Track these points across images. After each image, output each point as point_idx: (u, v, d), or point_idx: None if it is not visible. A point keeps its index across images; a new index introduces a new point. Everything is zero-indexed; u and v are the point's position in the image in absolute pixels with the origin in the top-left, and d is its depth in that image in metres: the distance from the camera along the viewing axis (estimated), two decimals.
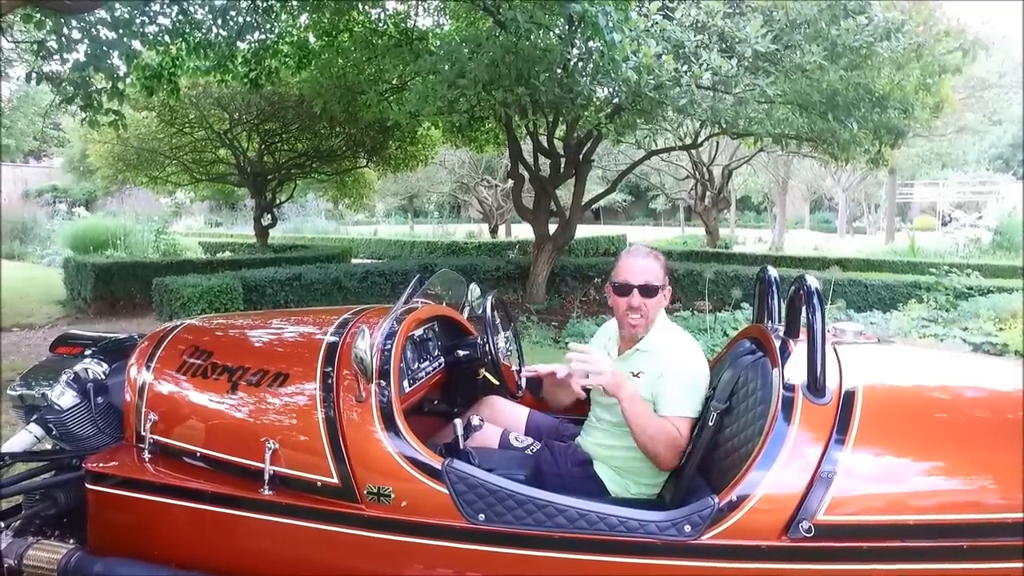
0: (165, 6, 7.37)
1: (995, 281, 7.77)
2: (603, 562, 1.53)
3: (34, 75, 6.23)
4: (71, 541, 1.94)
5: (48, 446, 2.20)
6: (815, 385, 1.58)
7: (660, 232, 31.52)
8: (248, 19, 8.04)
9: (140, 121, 11.34)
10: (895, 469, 1.53)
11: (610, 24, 4.99)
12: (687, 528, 1.49)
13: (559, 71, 6.14)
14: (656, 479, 2.09)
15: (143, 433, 1.96)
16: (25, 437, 2.09)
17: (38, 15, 5.57)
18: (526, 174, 9.59)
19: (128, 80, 7.15)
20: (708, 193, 15.05)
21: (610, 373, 1.96)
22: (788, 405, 1.58)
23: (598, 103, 6.54)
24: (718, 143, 13.56)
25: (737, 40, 6.05)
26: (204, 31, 7.76)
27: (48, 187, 32.91)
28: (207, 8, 7.81)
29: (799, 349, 1.71)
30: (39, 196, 30.22)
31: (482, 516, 1.58)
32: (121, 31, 6.49)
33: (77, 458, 2.08)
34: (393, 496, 1.63)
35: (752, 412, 1.72)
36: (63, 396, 2.06)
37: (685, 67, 5.96)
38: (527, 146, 9.91)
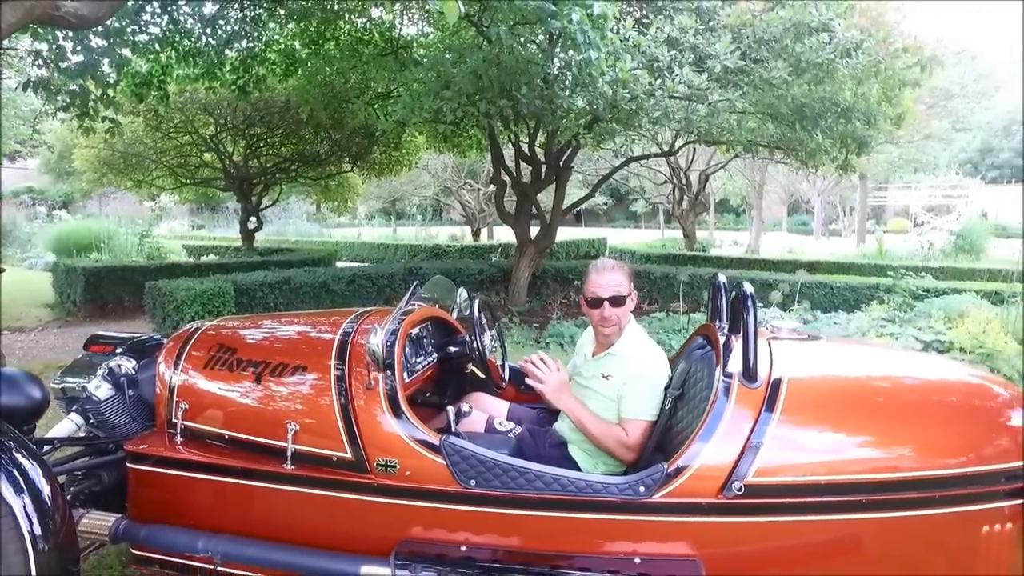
0: (156, 16, 7.58)
1: (948, 283, 8.23)
2: (573, 518, 1.86)
3: (30, 84, 6.42)
4: None
5: (82, 434, 2.47)
6: (748, 372, 1.91)
7: (640, 235, 31.97)
8: (236, 28, 8.26)
9: (127, 126, 11.46)
10: (812, 440, 1.87)
11: (587, 41, 5.32)
12: (641, 489, 1.81)
13: (540, 83, 6.43)
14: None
15: (174, 420, 2.25)
16: (67, 425, 2.37)
17: (38, 27, 5.76)
18: (508, 180, 9.89)
19: (119, 87, 7.33)
20: (685, 197, 15.49)
21: (551, 385, 2.28)
22: (726, 389, 1.91)
23: (576, 114, 6.85)
24: (695, 149, 14.00)
25: (708, 56, 6.43)
26: (193, 39, 7.97)
27: (24, 188, 32.51)
28: (196, 17, 8.02)
29: (740, 343, 2.04)
30: (15, 197, 29.91)
31: (473, 482, 1.89)
32: (112, 40, 6.70)
33: (112, 443, 2.36)
34: (398, 467, 1.94)
35: (699, 397, 2.05)
36: (100, 388, 2.34)
37: (659, 81, 6.32)
38: (509, 152, 10.21)
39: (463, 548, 1.88)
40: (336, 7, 8.42)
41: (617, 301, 2.37)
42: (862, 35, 6.86)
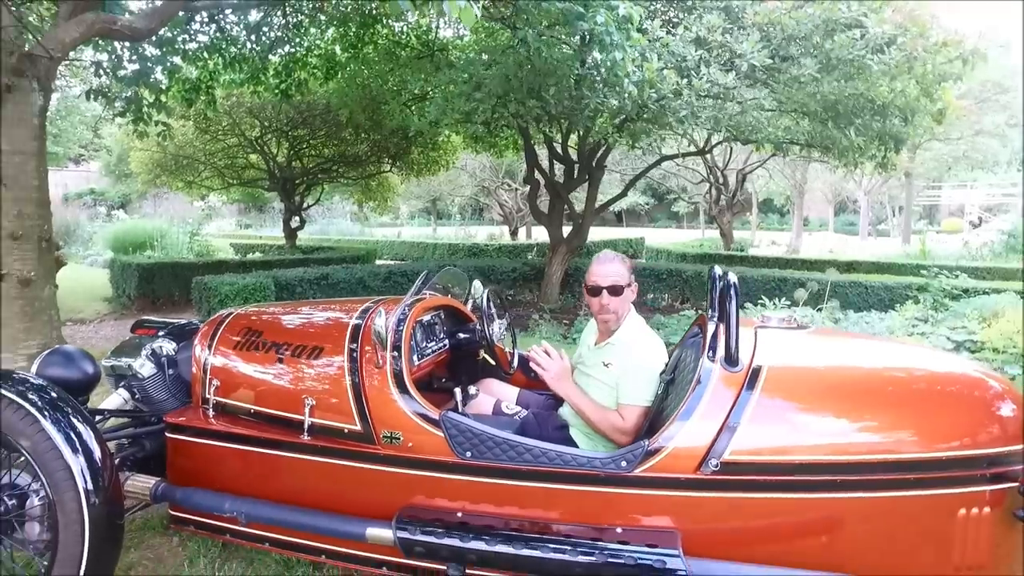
0: (204, 24, 7.99)
1: (987, 283, 8.02)
2: (560, 489, 2.00)
3: (91, 92, 6.86)
4: None
5: (128, 407, 2.73)
6: (729, 357, 2.02)
7: (681, 235, 31.71)
8: (280, 34, 8.62)
9: (178, 130, 12.01)
10: (788, 421, 1.96)
11: (613, 42, 5.43)
12: (623, 464, 1.95)
13: (571, 84, 6.54)
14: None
15: (207, 396, 2.49)
16: (116, 399, 2.64)
17: (98, 40, 6.17)
18: (541, 179, 10.05)
19: (170, 93, 7.76)
20: (722, 197, 15.35)
21: (552, 372, 2.41)
22: (708, 373, 2.02)
23: (606, 114, 6.93)
24: (731, 148, 13.87)
25: (736, 55, 6.45)
26: (239, 46, 8.35)
27: (86, 190, 34.15)
28: (242, 25, 8.41)
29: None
30: (78, 199, 31.45)
31: (468, 454, 2.06)
32: (164, 49, 7.11)
33: (154, 416, 2.61)
34: (402, 439, 2.12)
35: (686, 380, 2.17)
36: (144, 367, 2.60)
37: (686, 80, 6.37)
38: (544, 152, 10.35)
39: (459, 514, 2.04)
40: (374, 12, 8.70)
41: (615, 290, 2.50)
42: (896, 30, 6.78)
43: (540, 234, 22.31)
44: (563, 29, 5.92)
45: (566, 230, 10.05)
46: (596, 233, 25.55)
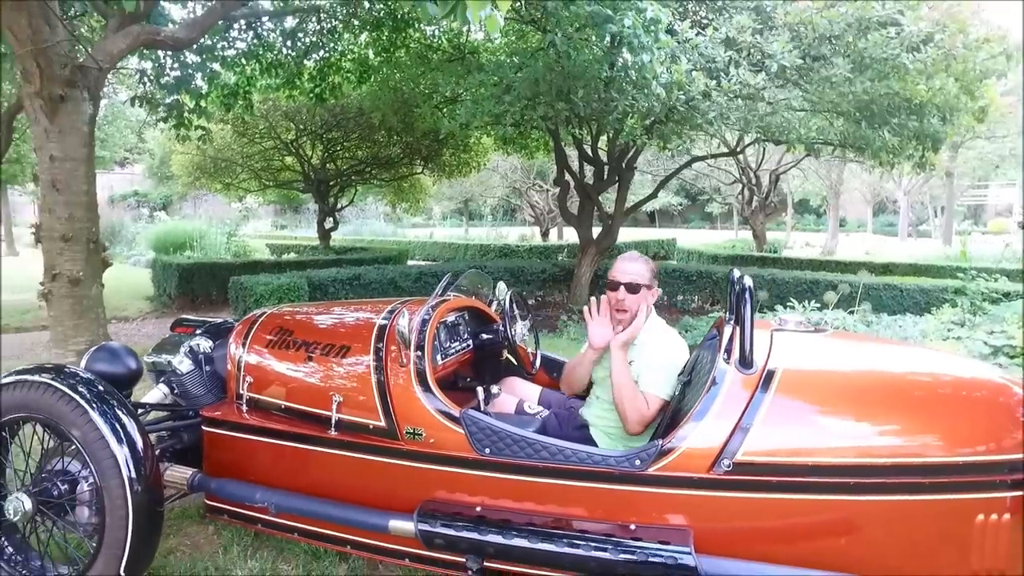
0: (242, 32, 8.24)
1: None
2: (575, 486, 2.06)
3: (136, 98, 7.15)
4: None
5: (168, 401, 2.87)
6: (743, 359, 2.06)
7: (714, 236, 31.36)
8: (314, 40, 8.84)
9: (216, 133, 12.36)
10: (801, 423, 1.99)
11: (641, 44, 5.46)
12: (637, 462, 2.00)
13: (599, 86, 6.57)
14: (639, 442, 2.58)
15: (241, 392, 2.61)
16: (156, 394, 2.79)
17: (143, 50, 6.43)
18: (571, 181, 10.08)
19: (209, 98, 8.02)
20: (755, 197, 15.17)
21: (610, 331, 2.50)
22: (722, 375, 2.06)
23: (635, 116, 6.93)
24: (764, 148, 13.70)
25: (766, 55, 6.40)
26: (275, 52, 8.60)
27: (130, 192, 35.28)
28: (278, 31, 8.65)
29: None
30: (123, 200, 32.52)
31: (488, 450, 2.13)
32: (204, 56, 7.37)
33: (191, 410, 2.74)
34: (424, 435, 2.21)
35: (701, 382, 2.20)
36: (182, 363, 2.73)
37: (715, 82, 6.35)
38: (573, 153, 10.38)
39: (478, 508, 2.12)
40: (407, 16, 8.86)
41: (632, 288, 2.55)
42: (934, 28, 6.65)
43: (571, 235, 22.21)
44: (593, 31, 5.97)
45: (596, 231, 10.07)
46: (628, 234, 25.44)
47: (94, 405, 2.16)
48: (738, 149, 10.65)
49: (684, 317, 7.95)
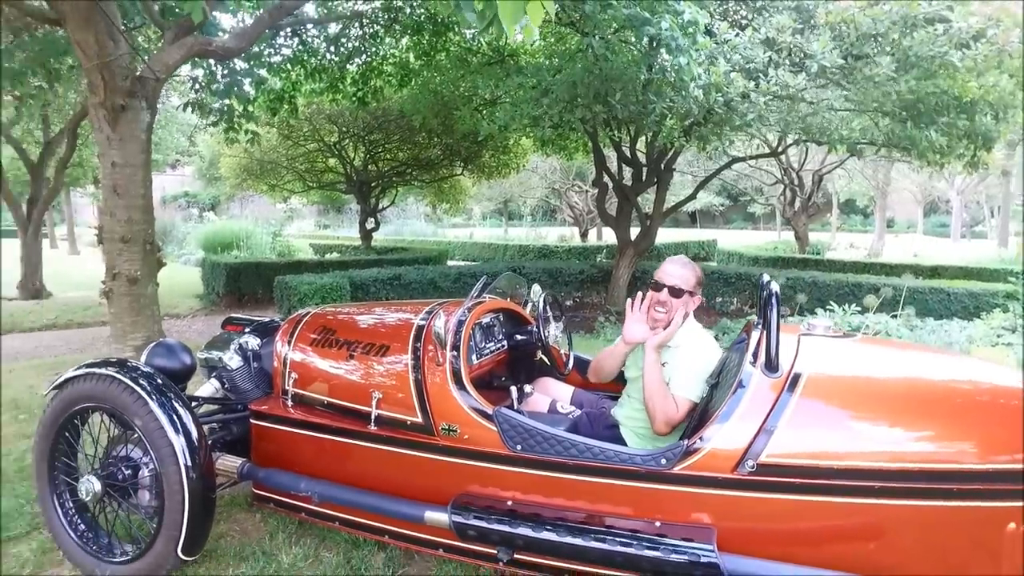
0: (288, 38, 8.52)
1: None
2: (603, 483, 2.13)
3: (188, 104, 7.47)
4: None
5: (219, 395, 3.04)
6: (770, 363, 2.10)
7: (756, 237, 30.81)
8: (357, 45, 9.08)
9: (262, 136, 12.73)
10: (824, 427, 2.01)
11: (678, 46, 5.47)
12: (663, 461, 2.06)
13: (638, 88, 6.58)
14: (668, 443, 2.63)
15: (286, 388, 2.76)
16: (208, 388, 2.96)
17: (195, 59, 6.72)
18: (609, 182, 10.10)
19: (256, 103, 8.32)
20: (797, 198, 14.89)
21: (645, 330, 2.56)
22: (748, 377, 2.10)
23: (673, 118, 6.92)
24: (807, 149, 13.45)
25: (806, 56, 6.33)
26: (319, 58, 8.86)
27: (181, 193, 36.55)
28: (322, 37, 8.90)
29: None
30: (174, 201, 33.71)
31: (519, 447, 2.22)
32: (252, 63, 7.65)
33: (240, 404, 2.91)
34: (459, 431, 2.31)
35: (729, 383, 2.25)
36: (232, 360, 2.90)
37: (753, 83, 6.31)
38: (612, 155, 10.38)
39: (509, 503, 2.21)
40: (447, 20, 9.00)
41: (675, 292, 2.60)
42: (986, 23, 6.46)
43: (611, 236, 22.16)
44: (632, 33, 6.00)
45: (634, 232, 10.06)
46: (668, 235, 25.21)
47: (154, 397, 2.33)
48: (779, 150, 10.50)
49: (722, 319, 7.90)
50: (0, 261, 12.63)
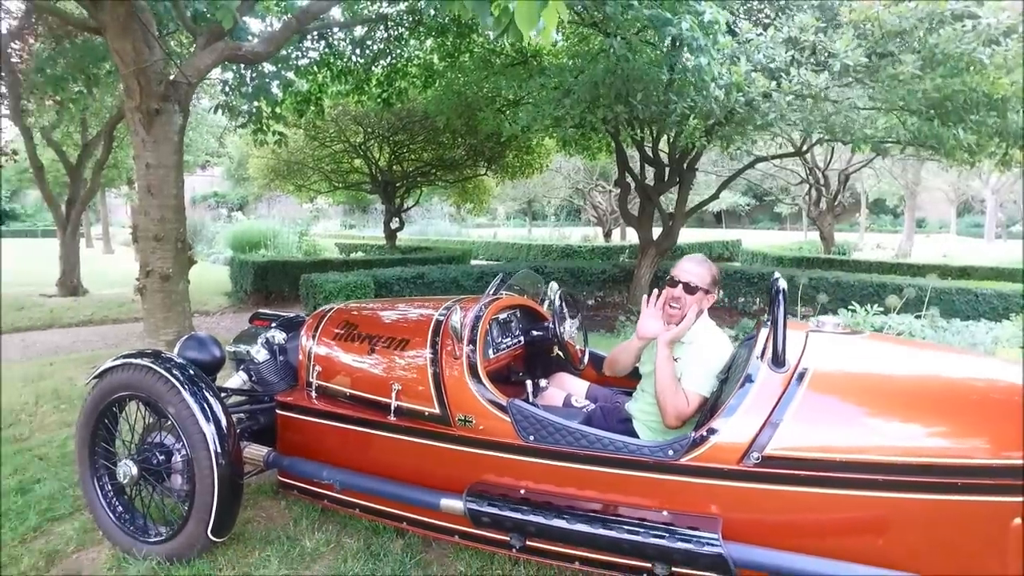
0: (314, 42, 8.70)
1: None
2: (612, 473, 2.20)
3: (218, 107, 7.68)
4: None
5: (246, 387, 3.18)
6: (776, 359, 2.15)
7: (782, 237, 30.45)
8: (382, 47, 9.23)
9: (289, 137, 12.96)
10: (828, 421, 2.05)
11: (699, 46, 5.50)
12: (670, 452, 2.12)
13: (659, 89, 6.60)
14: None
15: (311, 380, 2.88)
16: (236, 379, 3.10)
17: (225, 63, 6.92)
18: (632, 182, 10.11)
19: (283, 105, 8.51)
20: (823, 198, 14.72)
21: (659, 326, 2.61)
22: (756, 372, 2.16)
23: (695, 119, 6.92)
24: (832, 148, 13.29)
25: (829, 54, 6.30)
26: (345, 60, 9.02)
27: (210, 193, 37.29)
28: (348, 40, 9.06)
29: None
30: (203, 201, 34.42)
31: (532, 437, 2.30)
32: (279, 66, 7.84)
33: (267, 395, 3.03)
34: (474, 422, 2.40)
35: (737, 378, 2.30)
36: (259, 353, 3.03)
37: (775, 83, 6.30)
38: (635, 154, 10.39)
39: (522, 491, 2.29)
40: (470, 22, 9.10)
41: (690, 289, 2.65)
42: (1017, 19, 6.36)
43: (634, 236, 22.10)
44: (653, 33, 6.02)
45: (656, 232, 10.06)
46: (693, 235, 25.05)
47: (186, 387, 2.46)
48: (803, 149, 10.41)
49: (743, 319, 7.88)
50: (0, 260, 13.09)
